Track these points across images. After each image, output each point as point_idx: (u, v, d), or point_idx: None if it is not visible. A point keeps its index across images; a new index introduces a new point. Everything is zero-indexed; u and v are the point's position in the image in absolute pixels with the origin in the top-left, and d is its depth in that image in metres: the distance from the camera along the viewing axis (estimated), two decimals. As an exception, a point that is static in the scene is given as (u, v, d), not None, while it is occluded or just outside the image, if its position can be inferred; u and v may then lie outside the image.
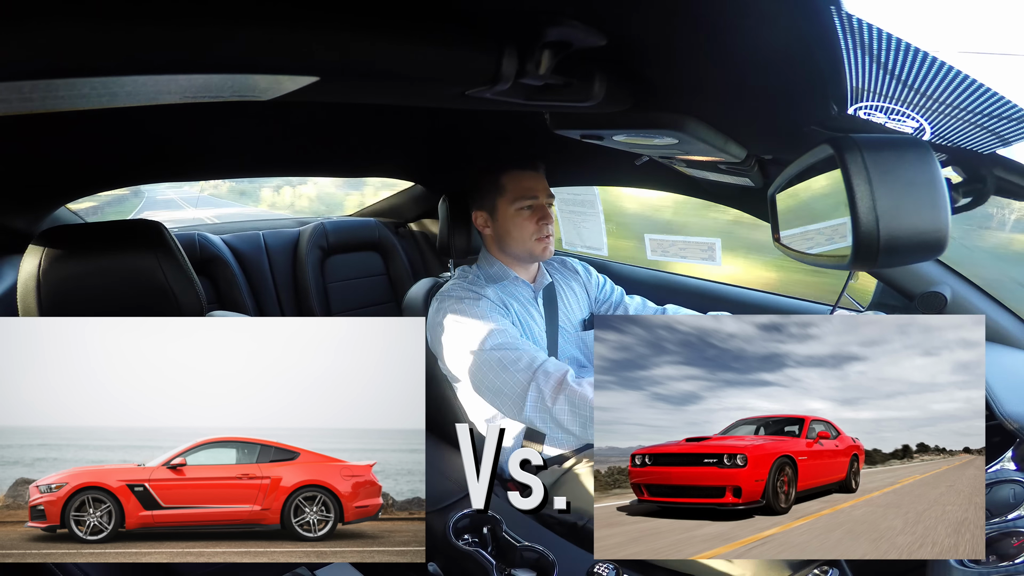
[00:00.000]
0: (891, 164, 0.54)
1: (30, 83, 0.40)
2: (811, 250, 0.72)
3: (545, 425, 1.05)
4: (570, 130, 0.92)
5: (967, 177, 0.73)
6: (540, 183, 1.26)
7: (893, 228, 0.54)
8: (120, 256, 0.83)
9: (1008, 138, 0.61)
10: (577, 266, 1.47)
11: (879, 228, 0.54)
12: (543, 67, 0.60)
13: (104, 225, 0.86)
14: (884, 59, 0.47)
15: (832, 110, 0.64)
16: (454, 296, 1.20)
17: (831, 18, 0.44)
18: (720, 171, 1.14)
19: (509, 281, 1.29)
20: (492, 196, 1.26)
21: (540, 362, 1.08)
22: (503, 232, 1.27)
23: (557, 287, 1.37)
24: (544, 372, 1.06)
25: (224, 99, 0.55)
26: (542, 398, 1.04)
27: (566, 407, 1.01)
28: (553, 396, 1.02)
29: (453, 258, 1.50)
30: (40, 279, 0.79)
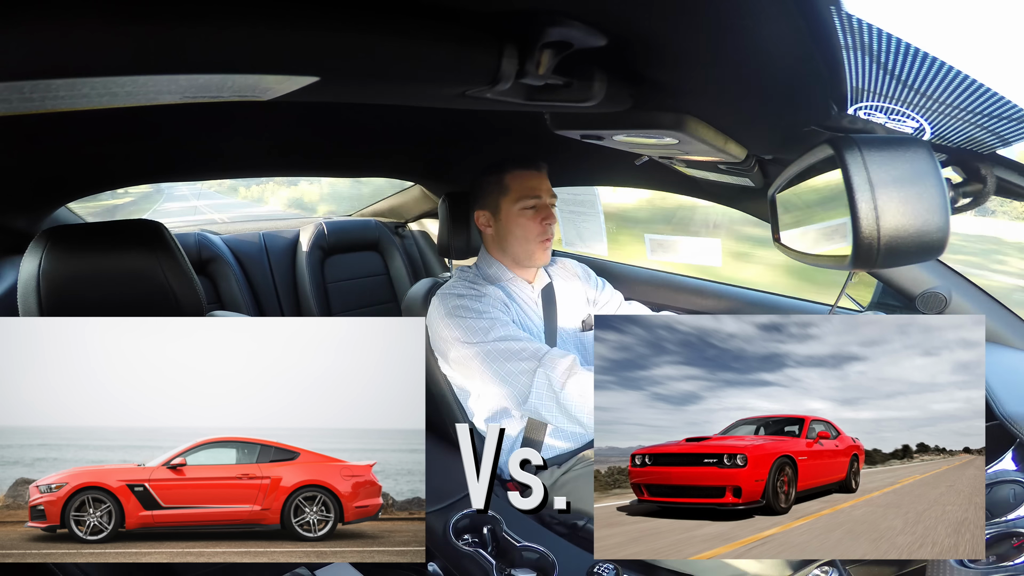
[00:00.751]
0: (891, 164, 0.54)
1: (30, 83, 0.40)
2: (811, 250, 0.72)
3: (551, 413, 1.04)
4: (570, 130, 0.92)
5: (967, 177, 0.73)
6: (543, 183, 1.26)
7: (893, 228, 0.54)
8: (120, 256, 0.83)
9: (1008, 138, 0.61)
10: (577, 268, 1.47)
11: (879, 228, 0.54)
12: (543, 67, 0.60)
13: (104, 225, 0.86)
14: (884, 59, 0.47)
15: (832, 110, 0.64)
16: (455, 293, 1.20)
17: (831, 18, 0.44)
18: (720, 171, 1.14)
19: (508, 281, 1.29)
20: (495, 195, 1.26)
21: (546, 350, 1.07)
22: (505, 232, 1.27)
23: (556, 288, 1.37)
24: (551, 358, 1.05)
25: (224, 99, 0.55)
26: (549, 384, 1.03)
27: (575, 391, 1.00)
28: (562, 381, 1.02)
29: (453, 258, 1.50)
30: (40, 279, 0.79)
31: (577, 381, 1.00)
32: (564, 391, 1.01)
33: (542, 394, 1.04)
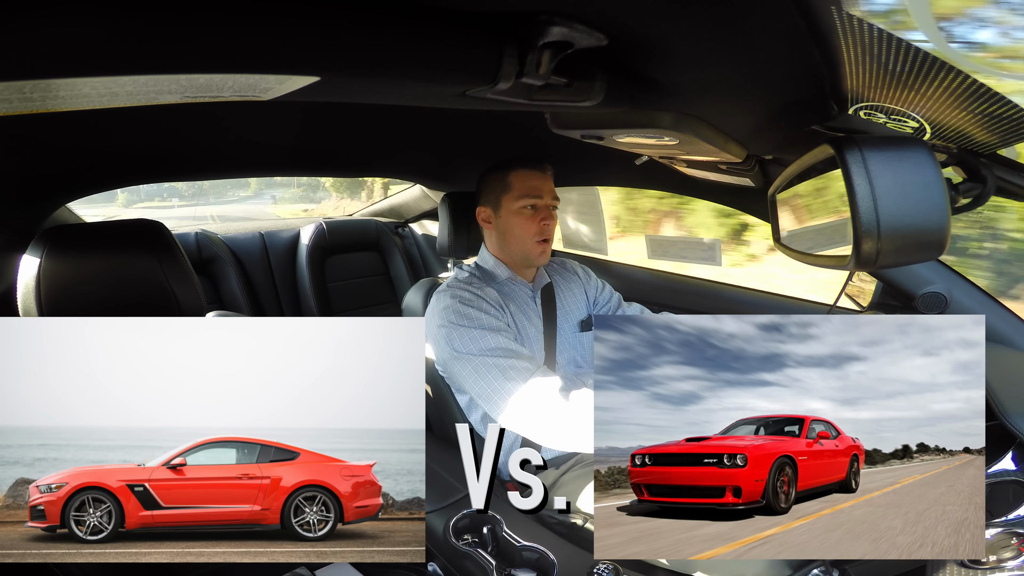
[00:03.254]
0: (891, 164, 0.54)
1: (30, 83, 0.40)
2: (811, 250, 0.72)
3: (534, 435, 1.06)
4: (570, 130, 0.92)
5: (967, 177, 0.73)
6: (546, 184, 1.26)
7: (893, 228, 0.54)
8: (120, 256, 0.83)
9: (1008, 138, 0.61)
10: (576, 268, 1.47)
11: (879, 228, 0.54)
12: (543, 67, 0.60)
13: (104, 225, 0.86)
14: (884, 59, 0.47)
15: (832, 110, 0.64)
16: (449, 295, 1.20)
17: (831, 17, 0.44)
18: (720, 171, 1.14)
19: (507, 280, 1.29)
20: (498, 193, 1.27)
21: (532, 372, 1.08)
22: (504, 230, 1.27)
23: (556, 288, 1.37)
24: (535, 383, 1.06)
25: (224, 99, 0.55)
26: (532, 410, 1.04)
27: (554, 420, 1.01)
28: (543, 408, 1.03)
29: (453, 258, 1.50)
30: (40, 279, 0.79)
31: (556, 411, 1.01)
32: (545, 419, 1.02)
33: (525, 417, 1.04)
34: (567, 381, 1.26)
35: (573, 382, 1.26)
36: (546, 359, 1.27)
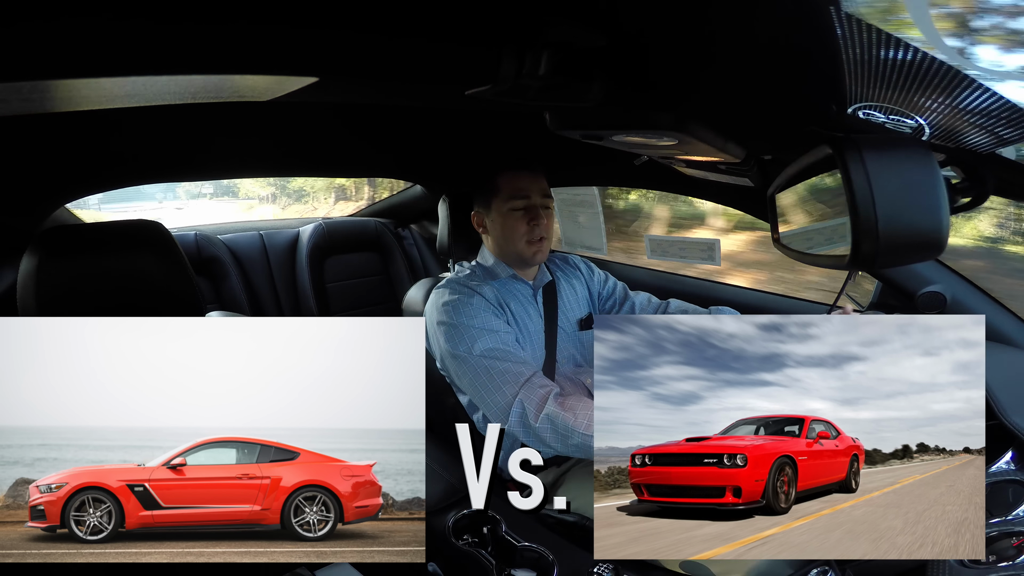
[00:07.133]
0: (891, 164, 0.54)
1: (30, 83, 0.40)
2: (811, 250, 0.72)
3: (528, 439, 1.06)
4: (570, 130, 0.92)
5: (967, 177, 0.73)
6: (535, 183, 1.26)
7: (893, 228, 0.54)
8: (120, 256, 0.83)
9: (1008, 138, 0.61)
10: (579, 263, 1.46)
11: (879, 228, 0.54)
12: (543, 67, 0.60)
13: (104, 225, 0.86)
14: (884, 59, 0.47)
15: (832, 110, 0.64)
16: (448, 293, 1.20)
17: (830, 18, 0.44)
18: (720, 171, 1.14)
19: (506, 279, 1.29)
20: (488, 196, 1.27)
21: (527, 376, 1.08)
22: (495, 232, 1.27)
23: (558, 285, 1.36)
24: (529, 388, 1.06)
25: (224, 99, 0.55)
26: (525, 416, 1.04)
27: (548, 426, 1.01)
28: (535, 414, 1.03)
29: (453, 258, 1.50)
30: (39, 279, 0.79)
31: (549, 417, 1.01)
32: (538, 425, 1.02)
33: (519, 422, 1.05)
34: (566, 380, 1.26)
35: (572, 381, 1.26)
36: (546, 358, 1.27)
